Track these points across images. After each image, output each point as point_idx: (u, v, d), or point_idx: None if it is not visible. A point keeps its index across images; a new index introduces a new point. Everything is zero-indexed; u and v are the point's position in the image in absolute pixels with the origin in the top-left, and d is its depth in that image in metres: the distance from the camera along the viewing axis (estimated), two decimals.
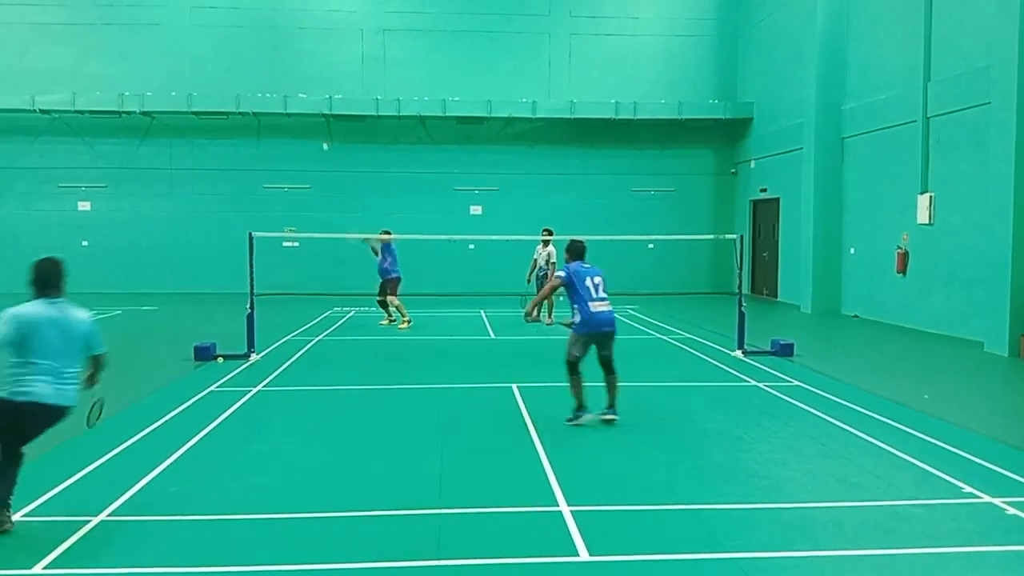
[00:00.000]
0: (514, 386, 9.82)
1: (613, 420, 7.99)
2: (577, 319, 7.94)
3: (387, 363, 11.97)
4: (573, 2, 24.21)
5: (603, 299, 7.99)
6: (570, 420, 7.98)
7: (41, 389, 5.06)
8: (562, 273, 8.13)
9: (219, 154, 23.85)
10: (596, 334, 7.95)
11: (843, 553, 4.89)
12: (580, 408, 7.99)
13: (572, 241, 8.45)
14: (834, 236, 18.77)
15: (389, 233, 15.84)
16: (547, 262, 16.24)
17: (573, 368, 7.97)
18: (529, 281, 16.73)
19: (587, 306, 7.87)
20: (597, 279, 8.06)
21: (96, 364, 5.48)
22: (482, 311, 18.50)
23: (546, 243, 16.32)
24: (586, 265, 8.18)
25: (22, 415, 5.06)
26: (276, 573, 4.60)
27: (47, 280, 5.27)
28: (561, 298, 9.00)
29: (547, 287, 8.67)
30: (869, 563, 4.76)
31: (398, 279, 15.61)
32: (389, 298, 15.61)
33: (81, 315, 5.34)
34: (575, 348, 7.97)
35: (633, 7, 24.36)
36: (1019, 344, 12.53)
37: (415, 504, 5.65)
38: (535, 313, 8.62)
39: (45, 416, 5.15)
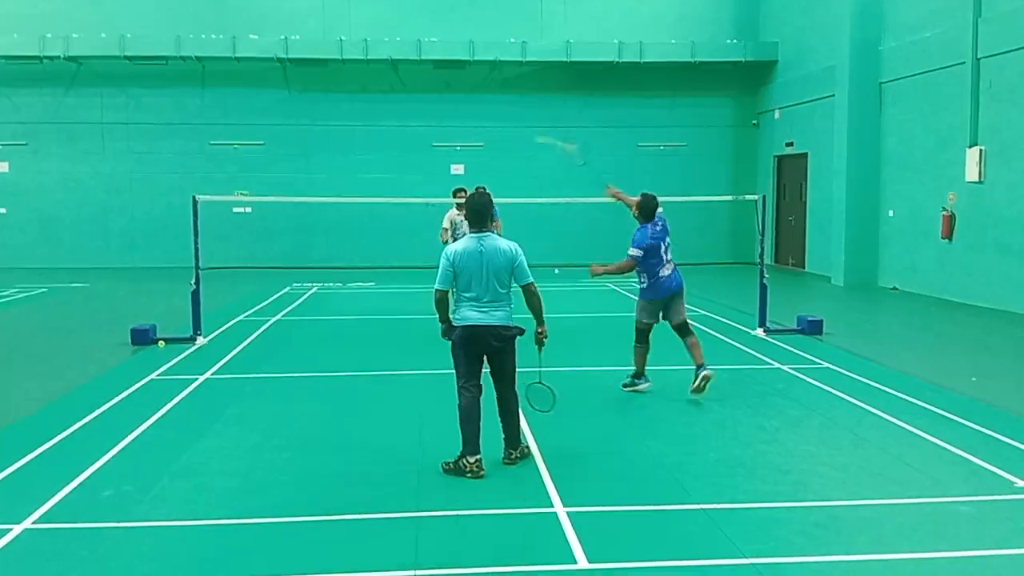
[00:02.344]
0: None
1: (710, 375, 8.48)
2: (645, 283, 8.66)
3: (356, 347, 11.98)
4: None
5: (669, 261, 8.70)
6: (627, 386, 8.85)
7: (469, 314, 6.41)
8: (638, 253, 8.50)
9: (158, 106, 23.62)
10: (664, 299, 8.68)
11: (880, 557, 4.92)
12: (639, 376, 8.84)
13: (645, 197, 8.78)
14: (870, 197, 18.79)
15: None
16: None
17: (642, 337, 8.78)
18: None
19: (656, 271, 8.58)
20: (667, 240, 8.71)
21: (528, 295, 6.56)
22: None
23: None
24: (658, 227, 8.66)
25: (459, 338, 6.45)
26: None
27: (472, 216, 6.46)
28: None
29: (624, 265, 8.71)
30: (910, 568, 4.80)
31: None
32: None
33: (503, 246, 6.39)
34: (643, 315, 8.76)
35: None
36: None
37: (389, 506, 5.66)
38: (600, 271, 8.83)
39: (477, 337, 6.45)
